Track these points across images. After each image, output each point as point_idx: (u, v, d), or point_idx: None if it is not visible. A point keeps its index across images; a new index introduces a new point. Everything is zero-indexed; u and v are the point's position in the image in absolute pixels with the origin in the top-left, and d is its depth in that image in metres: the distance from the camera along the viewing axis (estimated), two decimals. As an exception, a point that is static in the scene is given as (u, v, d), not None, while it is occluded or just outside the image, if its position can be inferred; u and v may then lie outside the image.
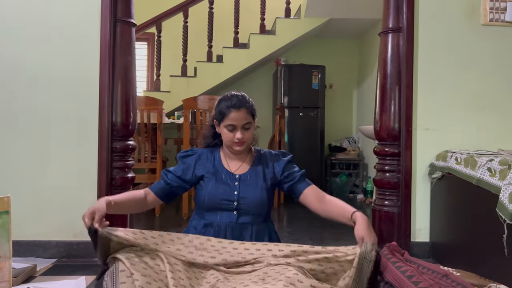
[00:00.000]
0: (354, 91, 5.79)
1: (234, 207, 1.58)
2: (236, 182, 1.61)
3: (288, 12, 4.89)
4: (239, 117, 1.56)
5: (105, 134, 2.31)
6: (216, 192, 1.58)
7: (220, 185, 1.60)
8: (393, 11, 2.44)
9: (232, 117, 1.56)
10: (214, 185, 1.60)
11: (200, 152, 1.69)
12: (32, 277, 2.00)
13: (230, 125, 1.57)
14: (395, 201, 2.44)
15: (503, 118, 2.43)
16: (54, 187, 2.32)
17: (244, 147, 1.61)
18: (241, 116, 1.56)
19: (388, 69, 2.44)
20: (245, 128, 1.59)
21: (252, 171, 1.65)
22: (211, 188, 1.59)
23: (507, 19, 2.41)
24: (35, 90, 2.31)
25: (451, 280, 1.38)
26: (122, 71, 2.36)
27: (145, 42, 5.78)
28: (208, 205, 1.58)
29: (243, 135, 1.57)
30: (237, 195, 1.59)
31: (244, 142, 1.59)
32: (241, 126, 1.57)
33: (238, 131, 1.57)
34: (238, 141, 1.57)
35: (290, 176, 1.69)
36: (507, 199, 1.66)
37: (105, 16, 2.31)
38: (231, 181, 1.61)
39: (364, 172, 5.18)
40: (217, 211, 1.59)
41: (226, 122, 1.58)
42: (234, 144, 1.59)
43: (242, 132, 1.57)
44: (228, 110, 1.57)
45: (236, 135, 1.57)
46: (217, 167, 1.65)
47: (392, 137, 2.44)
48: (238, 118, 1.56)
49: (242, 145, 1.59)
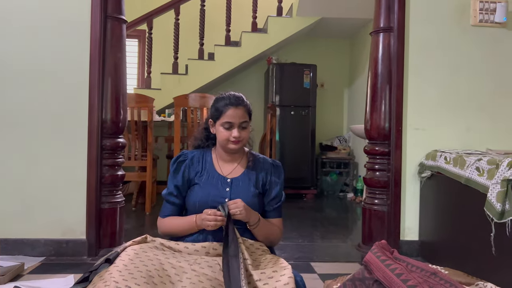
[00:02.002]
0: (345, 91, 5.82)
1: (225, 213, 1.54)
2: (228, 188, 1.57)
3: (280, 10, 4.89)
4: (236, 114, 1.53)
5: (95, 131, 2.29)
6: (206, 198, 1.55)
7: (211, 190, 1.56)
8: (384, 11, 2.45)
9: (229, 114, 1.53)
10: (205, 190, 1.56)
11: (191, 155, 1.64)
12: (19, 276, 1.98)
13: (227, 123, 1.54)
14: (385, 200, 2.46)
15: (491, 118, 2.46)
16: (42, 185, 2.29)
17: (240, 146, 1.57)
18: (239, 114, 1.54)
19: (379, 68, 2.45)
20: (242, 127, 1.56)
21: (245, 175, 1.61)
22: (202, 194, 1.56)
23: (497, 20, 2.43)
24: (22, 87, 2.28)
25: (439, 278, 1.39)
26: (112, 68, 2.34)
27: (136, 39, 5.74)
28: (199, 211, 1.53)
29: (240, 134, 1.54)
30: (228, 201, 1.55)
31: (240, 141, 1.56)
32: (238, 124, 1.54)
33: (235, 129, 1.53)
34: (234, 139, 1.54)
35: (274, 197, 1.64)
36: (495, 198, 1.68)
37: (95, 13, 2.29)
38: (222, 186, 1.58)
39: (354, 171, 5.21)
40: None
41: (223, 120, 1.54)
42: (229, 143, 1.55)
43: (239, 131, 1.54)
44: (226, 107, 1.54)
45: (233, 133, 1.53)
46: (208, 170, 1.61)
47: (383, 136, 2.45)
48: (235, 115, 1.53)
49: (238, 143, 1.56)
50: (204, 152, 1.66)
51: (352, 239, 2.90)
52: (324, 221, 3.53)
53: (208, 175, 1.60)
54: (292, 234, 2.98)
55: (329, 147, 5.31)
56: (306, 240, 2.86)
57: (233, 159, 1.64)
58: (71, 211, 2.31)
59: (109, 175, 2.34)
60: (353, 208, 4.30)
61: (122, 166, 2.46)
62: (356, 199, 4.62)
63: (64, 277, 1.96)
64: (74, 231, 2.31)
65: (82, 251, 2.29)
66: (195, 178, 1.60)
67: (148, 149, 3.61)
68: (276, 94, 4.88)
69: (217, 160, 1.64)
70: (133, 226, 3.15)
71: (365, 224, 2.51)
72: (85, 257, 2.29)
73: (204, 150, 1.68)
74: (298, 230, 3.10)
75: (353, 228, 3.34)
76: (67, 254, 2.28)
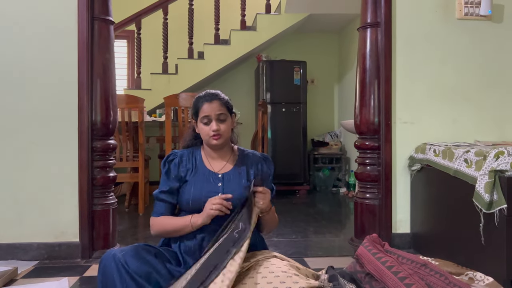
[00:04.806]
0: (335, 86, 5.84)
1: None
2: (220, 183, 1.59)
3: (269, 8, 4.90)
4: (212, 108, 1.56)
5: (85, 133, 2.28)
6: (199, 195, 1.55)
7: (203, 186, 1.57)
8: (371, 6, 2.47)
9: (205, 109, 1.56)
10: (197, 187, 1.57)
11: (180, 153, 1.66)
12: (13, 280, 1.97)
13: (205, 117, 1.56)
14: (376, 193, 2.48)
15: (478, 110, 2.49)
16: (33, 188, 2.28)
17: (222, 141, 1.59)
18: (213, 107, 1.56)
19: (367, 63, 2.47)
20: (220, 119, 1.57)
21: (235, 170, 1.63)
22: (194, 191, 1.57)
23: (481, 13, 2.46)
24: (10, 91, 2.27)
25: (429, 269, 1.41)
26: (101, 70, 2.33)
27: (124, 40, 5.71)
28: (193, 208, 1.55)
29: (218, 127, 1.56)
30: None
31: (220, 135, 1.57)
32: (215, 117, 1.56)
33: (213, 122, 1.56)
34: (214, 133, 1.55)
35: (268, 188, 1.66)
36: (483, 189, 1.70)
37: (82, 14, 2.28)
38: (214, 181, 1.59)
39: (346, 166, 5.24)
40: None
41: (200, 115, 1.58)
42: (210, 138, 1.57)
43: (217, 124, 1.56)
44: (201, 103, 1.58)
45: (212, 126, 1.55)
46: (198, 167, 1.63)
47: (372, 131, 2.47)
48: (210, 109, 1.56)
49: (219, 138, 1.57)
50: (194, 150, 1.68)
51: (345, 234, 2.93)
52: (317, 216, 3.55)
53: (198, 172, 1.61)
54: (286, 230, 3.00)
55: (320, 143, 5.34)
56: (299, 236, 2.88)
57: (221, 156, 1.65)
58: (64, 214, 2.30)
59: (101, 177, 2.34)
60: (346, 203, 4.33)
61: (114, 168, 2.46)
62: (349, 194, 4.65)
63: (58, 280, 1.96)
64: (67, 234, 2.30)
65: (75, 254, 2.29)
66: (186, 176, 1.61)
67: (139, 150, 3.60)
68: (266, 91, 4.89)
69: (207, 158, 1.65)
70: (126, 227, 3.15)
71: (357, 218, 2.53)
72: (79, 259, 2.28)
73: (193, 148, 1.69)
74: (291, 226, 3.12)
75: (346, 223, 3.36)
76: (61, 257, 2.28)
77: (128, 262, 1.36)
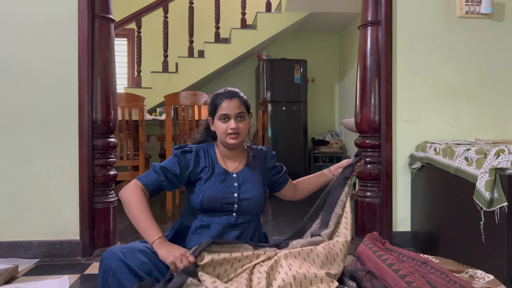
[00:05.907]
0: (336, 85, 5.84)
1: (234, 209, 1.55)
2: (236, 183, 1.57)
3: (269, 6, 4.89)
4: (231, 105, 1.54)
5: (85, 131, 2.28)
6: (215, 195, 1.53)
7: (219, 186, 1.54)
8: (371, 4, 2.47)
9: (224, 106, 1.54)
10: (213, 187, 1.54)
11: (196, 149, 1.61)
12: (14, 278, 1.97)
13: (223, 115, 1.54)
14: (377, 192, 2.48)
15: (479, 108, 2.49)
16: (34, 186, 2.28)
17: (239, 140, 1.56)
18: (233, 105, 1.55)
19: (367, 62, 2.47)
20: (239, 118, 1.56)
21: (248, 168, 1.63)
22: (210, 191, 1.53)
23: (482, 11, 2.45)
24: (10, 89, 2.27)
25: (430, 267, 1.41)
26: (102, 68, 2.33)
27: (125, 38, 5.71)
28: (207, 208, 1.53)
29: (237, 125, 1.54)
30: (237, 198, 1.55)
31: (238, 134, 1.54)
32: (234, 115, 1.54)
33: (232, 120, 1.53)
34: (232, 131, 1.53)
35: (274, 169, 1.75)
36: (484, 187, 1.70)
37: (83, 12, 2.27)
38: (230, 182, 1.57)
39: (347, 164, 5.23)
40: (215, 213, 1.54)
41: (219, 113, 1.55)
42: (228, 137, 1.54)
43: (236, 122, 1.54)
44: (221, 100, 1.56)
45: (230, 124, 1.53)
46: (214, 166, 1.59)
47: (373, 129, 2.47)
48: (230, 106, 1.54)
49: (237, 137, 1.54)
50: (208, 148, 1.65)
51: (346, 232, 2.92)
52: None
53: (214, 172, 1.58)
54: (286, 229, 3.00)
55: (321, 141, 5.34)
56: (300, 234, 2.87)
57: (235, 155, 1.64)
58: (64, 212, 2.30)
59: (101, 175, 2.34)
60: (346, 201, 4.32)
61: (114, 166, 2.46)
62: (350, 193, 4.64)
63: (59, 278, 1.96)
64: (68, 232, 2.31)
65: (76, 252, 2.29)
66: (201, 174, 1.57)
67: (140, 148, 3.60)
68: (267, 90, 4.89)
69: (221, 157, 1.63)
70: (127, 225, 3.15)
71: (358, 216, 2.53)
72: (80, 257, 2.28)
73: (207, 145, 1.66)
74: (292, 225, 3.12)
75: (346, 221, 3.36)
76: (61, 255, 2.28)
77: (128, 259, 1.36)
